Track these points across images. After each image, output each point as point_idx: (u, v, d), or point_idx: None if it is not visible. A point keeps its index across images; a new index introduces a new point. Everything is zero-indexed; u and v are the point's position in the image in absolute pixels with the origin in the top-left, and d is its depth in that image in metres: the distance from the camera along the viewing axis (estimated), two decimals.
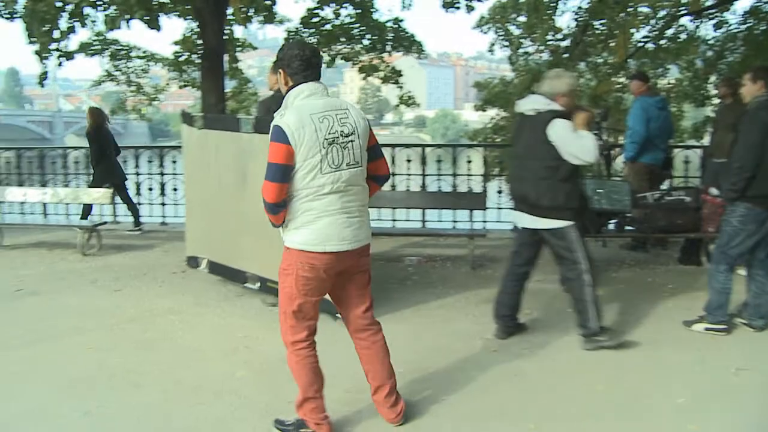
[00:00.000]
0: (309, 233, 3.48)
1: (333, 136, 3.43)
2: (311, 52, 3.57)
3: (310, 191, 3.44)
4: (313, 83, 3.52)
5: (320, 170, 3.40)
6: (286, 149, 3.36)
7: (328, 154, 3.41)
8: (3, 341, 5.42)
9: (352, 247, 3.57)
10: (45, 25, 8.42)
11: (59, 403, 4.29)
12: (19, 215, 10.46)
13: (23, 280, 7.35)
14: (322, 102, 3.50)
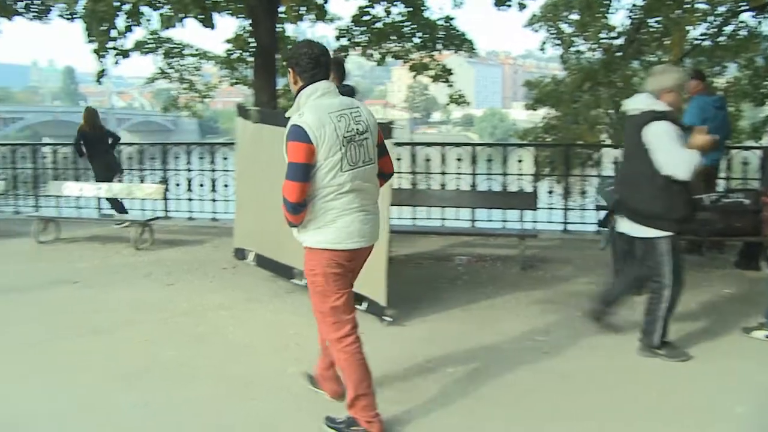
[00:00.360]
0: (332, 232, 3.52)
1: (351, 135, 3.47)
2: (320, 51, 3.60)
3: (331, 189, 3.46)
4: (325, 82, 3.57)
5: (341, 168, 3.44)
6: (308, 148, 3.38)
7: (347, 153, 3.45)
8: (59, 332, 5.54)
9: (368, 244, 3.69)
10: (103, 25, 8.59)
11: (114, 394, 4.35)
12: (75, 209, 10.67)
13: (80, 272, 7.51)
14: (338, 101, 3.55)
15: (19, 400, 4.28)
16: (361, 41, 12.25)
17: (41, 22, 12.29)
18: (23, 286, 6.98)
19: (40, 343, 5.28)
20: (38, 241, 9.12)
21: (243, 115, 6.90)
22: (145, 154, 11.06)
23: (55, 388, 4.48)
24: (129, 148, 11.68)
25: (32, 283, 7.08)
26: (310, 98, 3.51)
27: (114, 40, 9.47)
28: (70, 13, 11.70)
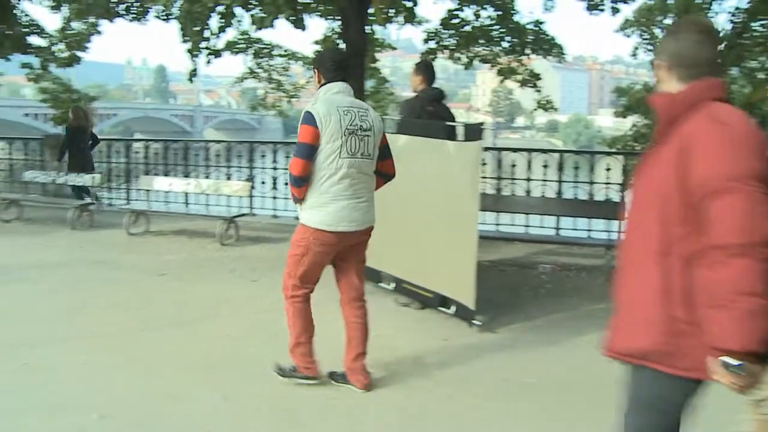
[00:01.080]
0: (324, 215, 4.00)
1: (353, 128, 4.00)
2: (342, 57, 4.31)
3: (329, 173, 3.96)
4: (342, 83, 4.13)
5: (339, 155, 3.95)
6: (314, 131, 3.91)
7: (347, 142, 3.97)
8: (146, 323, 5.70)
9: (358, 228, 4.15)
10: (197, 25, 8.82)
11: (198, 385, 4.43)
12: (164, 203, 10.97)
13: (167, 265, 7.72)
14: (349, 99, 4.11)
15: (109, 387, 4.41)
16: (449, 44, 12.19)
17: (139, 23, 12.75)
18: (115, 276, 7.23)
19: (128, 332, 5.45)
20: (129, 233, 9.44)
21: None
22: (232, 152, 11.28)
23: (141, 376, 4.60)
24: (216, 146, 11.94)
25: (123, 273, 7.32)
26: (327, 94, 4.08)
27: (207, 40, 9.72)
28: (166, 15, 12.09)
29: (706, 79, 2.20)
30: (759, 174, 1.96)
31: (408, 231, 5.93)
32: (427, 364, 4.83)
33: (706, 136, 2.06)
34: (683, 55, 2.25)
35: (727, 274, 1.92)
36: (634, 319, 2.23)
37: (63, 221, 10.05)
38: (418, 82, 6.36)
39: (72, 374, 4.63)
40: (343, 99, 4.08)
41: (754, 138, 2.05)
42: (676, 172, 2.09)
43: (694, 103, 2.16)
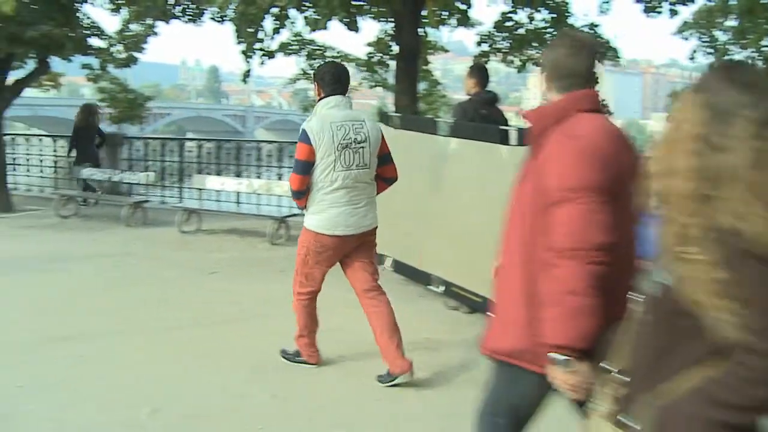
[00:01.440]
0: (321, 219, 4.35)
1: (347, 142, 4.27)
2: (341, 71, 4.49)
3: (325, 184, 4.28)
4: (339, 96, 4.36)
5: (333, 168, 4.25)
6: (308, 148, 4.24)
7: (341, 156, 4.26)
8: (197, 319, 5.79)
9: (355, 232, 4.42)
10: (252, 27, 8.91)
11: (247, 383, 4.48)
12: (215, 202, 11.11)
13: (218, 263, 7.83)
14: (343, 113, 4.32)
15: (160, 381, 4.49)
16: (502, 47, 12.08)
17: (194, 24, 12.93)
18: (167, 272, 7.35)
19: (180, 328, 5.55)
20: (181, 230, 9.59)
21: (384, 121, 6.96)
22: (283, 152, 11.37)
23: (192, 371, 4.68)
24: (268, 146, 12.05)
25: (175, 270, 7.44)
26: (323, 108, 4.33)
27: (261, 42, 9.82)
28: (221, 16, 12.23)
29: (579, 90, 2.32)
30: (599, 186, 2.11)
31: (458, 234, 5.89)
32: (476, 369, 4.79)
33: (556, 150, 2.22)
34: (558, 67, 2.37)
35: (557, 275, 2.09)
36: (504, 320, 2.39)
37: (117, 218, 10.27)
38: (471, 85, 6.33)
39: (125, 368, 4.72)
40: (338, 113, 4.31)
41: (602, 150, 2.18)
42: (536, 184, 2.25)
43: (562, 116, 2.28)
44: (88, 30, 12.75)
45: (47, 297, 6.46)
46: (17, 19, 9.67)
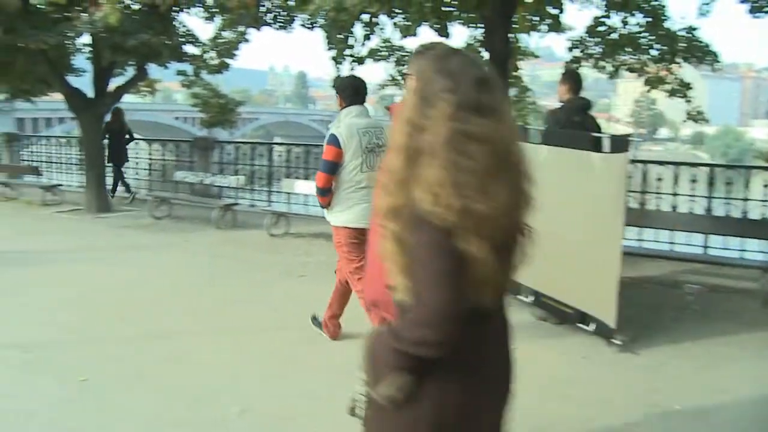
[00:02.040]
0: (350, 215, 4.95)
1: (371, 146, 4.93)
2: (360, 84, 5.14)
3: (351, 184, 4.90)
4: (359, 106, 5.04)
5: (360, 169, 4.90)
6: (337, 151, 4.86)
7: (366, 159, 4.91)
8: (285, 321, 5.89)
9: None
10: (342, 33, 9.00)
11: (333, 387, 4.47)
12: (303, 206, 11.26)
13: (306, 267, 7.92)
14: (366, 121, 4.99)
15: (249, 382, 4.57)
16: (594, 53, 11.79)
17: (285, 31, 13.17)
18: (256, 275, 7.49)
19: (268, 330, 5.67)
20: (270, 233, 9.77)
21: None
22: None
23: (280, 373, 4.76)
24: None
25: (264, 273, 7.58)
26: (348, 117, 4.97)
27: (351, 48, 9.90)
28: (311, 23, 12.40)
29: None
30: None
31: (549, 243, 5.77)
32: (565, 381, 4.70)
33: None
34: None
35: None
36: None
37: (208, 220, 10.54)
38: (564, 91, 6.22)
39: (214, 367, 4.84)
40: (361, 121, 4.97)
41: None
42: None
43: None
44: (184, 38, 13.17)
45: (141, 295, 6.69)
46: (120, 29, 10.07)
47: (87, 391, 4.39)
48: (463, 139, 1.66)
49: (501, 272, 1.82)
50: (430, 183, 1.65)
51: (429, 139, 1.68)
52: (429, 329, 1.70)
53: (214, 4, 12.13)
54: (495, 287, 1.82)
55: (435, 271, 1.68)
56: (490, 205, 1.66)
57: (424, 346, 1.73)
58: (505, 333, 2.12)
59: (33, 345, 5.20)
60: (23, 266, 7.86)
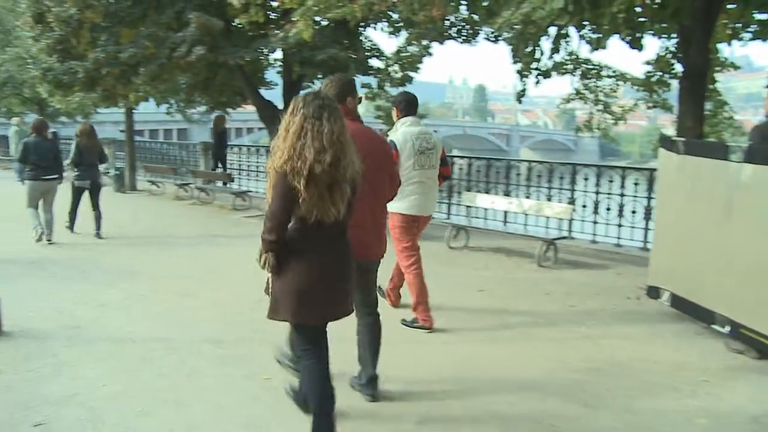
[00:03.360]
0: (404, 204, 5.91)
1: (422, 149, 5.95)
2: (413, 98, 6.11)
3: (406, 180, 5.69)
4: (412, 117, 6.05)
5: (413, 167, 5.92)
6: (395, 153, 5.62)
7: (418, 159, 5.93)
8: (464, 336, 5.84)
9: (425, 214, 6.16)
10: (529, 46, 8.86)
11: (516, 407, 4.37)
12: (482, 220, 11.18)
13: (485, 281, 7.84)
14: (418, 129, 6.00)
15: (432, 392, 4.55)
16: None
17: (469, 45, 13.21)
18: (435, 287, 7.47)
19: (447, 343, 5.63)
20: (449, 246, 9.78)
21: (666, 146, 6.55)
22: (554, 173, 11.16)
23: (465, 385, 4.67)
24: (537, 166, 11.89)
25: (443, 285, 7.55)
26: (403, 126, 5.99)
27: (537, 61, 9.73)
28: (495, 36, 12.35)
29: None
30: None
31: (751, 269, 5.34)
32: (765, 419, 4.30)
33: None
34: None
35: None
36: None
37: (387, 231, 10.71)
38: None
39: (392, 380, 4.84)
40: (414, 129, 5.97)
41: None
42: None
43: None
44: (369, 52, 13.58)
45: None
46: (309, 44, 10.54)
47: (270, 389, 4.57)
48: (301, 131, 3.26)
49: (324, 201, 3.28)
50: (282, 151, 3.25)
51: (289, 132, 3.29)
52: (268, 227, 3.31)
53: (399, 19, 12.39)
54: (322, 210, 3.28)
55: (275, 194, 3.28)
56: (300, 163, 3.20)
57: (266, 236, 3.33)
58: (339, 237, 3.50)
59: (225, 341, 5.51)
60: (213, 266, 8.44)
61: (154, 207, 14.66)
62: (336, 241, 3.47)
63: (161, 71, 11.91)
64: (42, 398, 4.33)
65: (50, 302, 6.61)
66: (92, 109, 22.04)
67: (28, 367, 4.88)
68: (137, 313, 6.34)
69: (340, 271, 3.51)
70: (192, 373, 4.83)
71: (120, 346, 5.37)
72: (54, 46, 12.23)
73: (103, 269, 8.16)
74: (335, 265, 3.49)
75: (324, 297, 3.45)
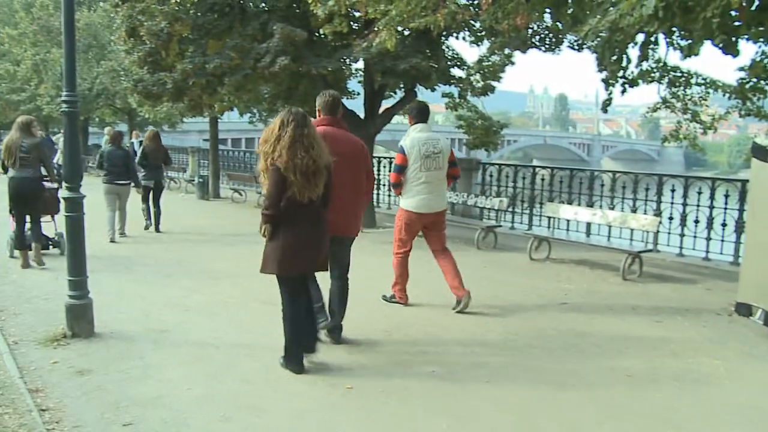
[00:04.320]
0: (411, 202, 6.80)
1: (428, 153, 6.72)
2: (424, 107, 7.09)
3: (414, 180, 6.73)
4: (423, 124, 6.90)
5: (419, 170, 6.70)
6: (403, 157, 6.74)
7: (424, 162, 6.70)
8: (548, 350, 5.72)
9: (431, 211, 6.84)
10: (616, 54, 8.64)
11: (598, 426, 4.26)
12: (564, 231, 10.94)
13: (568, 294, 7.69)
14: (426, 135, 6.81)
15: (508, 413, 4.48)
16: None
17: (552, 53, 13.00)
18: (516, 299, 7.39)
19: (533, 357, 5.51)
20: (531, 257, 9.64)
21: (760, 156, 6.29)
22: (639, 184, 10.83)
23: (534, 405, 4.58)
24: (623, 176, 11.59)
25: (525, 297, 7.46)
26: (413, 132, 6.84)
27: (624, 70, 9.49)
28: (579, 45, 12.12)
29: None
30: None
31: None
32: None
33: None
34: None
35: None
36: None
37: (469, 240, 10.66)
38: None
39: (475, 391, 4.78)
40: (422, 135, 6.81)
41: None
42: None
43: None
44: (451, 61, 13.51)
45: (405, 312, 6.89)
46: (392, 53, 10.57)
47: (351, 398, 4.59)
48: (293, 140, 4.66)
49: (310, 184, 4.70)
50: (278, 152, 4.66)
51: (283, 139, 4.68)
52: (266, 205, 4.73)
53: (482, 28, 12.30)
54: (309, 190, 4.70)
55: (272, 182, 4.67)
56: (294, 161, 4.62)
57: (266, 212, 4.73)
58: (317, 214, 4.89)
59: None
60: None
61: (235, 215, 14.98)
62: (314, 217, 4.90)
63: (245, 81, 12.15)
64: (130, 399, 4.46)
65: (138, 305, 6.84)
66: (178, 118, 22.80)
67: (117, 368, 5.03)
68: (221, 318, 6.47)
69: (315, 238, 4.97)
70: (275, 380, 4.88)
71: (204, 350, 5.49)
72: (145, 58, 12.64)
73: (188, 274, 8.37)
74: (312, 233, 4.94)
75: (301, 254, 4.90)
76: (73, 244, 5.77)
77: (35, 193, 8.50)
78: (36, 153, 8.38)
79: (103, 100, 26.92)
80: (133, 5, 12.18)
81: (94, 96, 26.35)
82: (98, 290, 6.27)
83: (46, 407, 4.28)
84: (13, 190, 8.35)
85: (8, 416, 4.07)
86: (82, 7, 27.81)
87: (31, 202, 8.49)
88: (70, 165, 5.84)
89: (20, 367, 4.95)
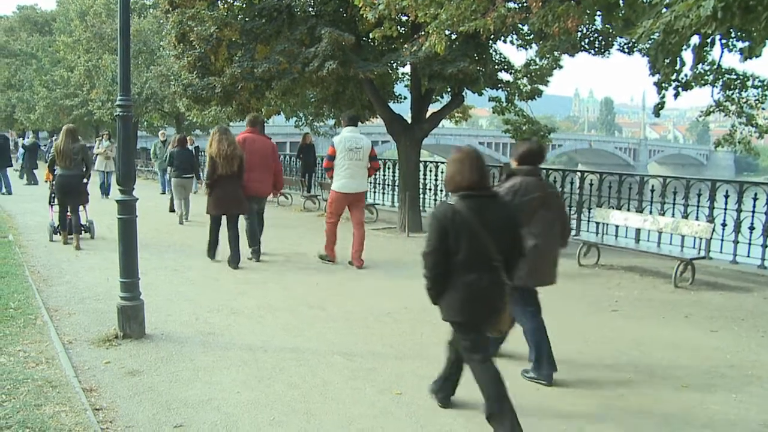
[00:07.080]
0: (338, 184, 9.02)
1: (351, 147, 8.95)
2: (354, 115, 9.46)
3: (340, 166, 8.93)
4: (352, 126, 9.17)
5: (344, 159, 8.91)
6: (333, 149, 8.97)
7: (347, 154, 8.92)
8: (599, 358, 5.61)
9: (351, 191, 9.08)
10: (669, 57, 8.47)
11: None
12: (612, 237, 10.76)
13: (618, 301, 7.56)
14: (351, 134, 9.07)
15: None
16: None
17: (601, 57, 12.82)
18: (565, 305, 7.27)
19: (580, 367, 5.42)
20: (580, 263, 9.50)
21: None
22: (691, 190, 10.59)
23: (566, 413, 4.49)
24: (673, 182, 11.35)
25: (574, 304, 7.35)
26: (344, 132, 9.12)
27: (678, 73, 9.32)
28: (630, 48, 11.92)
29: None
30: None
31: None
32: None
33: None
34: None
35: None
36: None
37: None
38: None
39: (527, 398, 4.71)
40: (349, 134, 9.04)
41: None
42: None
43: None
44: (498, 65, 13.41)
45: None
46: (439, 57, 10.53)
47: (401, 404, 4.55)
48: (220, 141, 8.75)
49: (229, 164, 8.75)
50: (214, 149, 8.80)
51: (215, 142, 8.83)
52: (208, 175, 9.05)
53: (530, 32, 12.18)
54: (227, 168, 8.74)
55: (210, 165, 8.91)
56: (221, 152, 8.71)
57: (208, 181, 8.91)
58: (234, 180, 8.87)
59: (355, 354, 5.54)
60: (340, 279, 8.57)
61: (281, 218, 15.05)
62: (232, 181, 8.72)
63: (293, 85, 12.23)
64: (181, 401, 4.49)
65: (186, 307, 6.90)
66: (226, 122, 23.05)
67: (168, 370, 5.08)
68: (268, 322, 6.49)
69: (232, 193, 8.81)
70: (323, 385, 4.87)
71: (253, 354, 5.50)
72: (194, 63, 12.79)
73: (234, 278, 8.44)
74: (230, 190, 8.77)
75: (223, 202, 8.81)
76: (125, 246, 5.82)
77: (80, 188, 10.51)
78: (82, 155, 10.32)
79: (152, 105, 27.44)
80: (183, 11, 12.32)
81: (144, 100, 26.87)
82: (147, 292, 6.35)
83: (100, 407, 4.33)
84: (64, 186, 10.30)
85: (65, 414, 4.12)
86: (133, 14, 28.35)
87: (76, 195, 10.47)
88: (123, 169, 5.89)
89: (75, 367, 5.02)
